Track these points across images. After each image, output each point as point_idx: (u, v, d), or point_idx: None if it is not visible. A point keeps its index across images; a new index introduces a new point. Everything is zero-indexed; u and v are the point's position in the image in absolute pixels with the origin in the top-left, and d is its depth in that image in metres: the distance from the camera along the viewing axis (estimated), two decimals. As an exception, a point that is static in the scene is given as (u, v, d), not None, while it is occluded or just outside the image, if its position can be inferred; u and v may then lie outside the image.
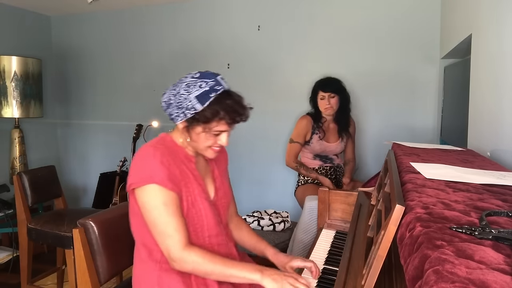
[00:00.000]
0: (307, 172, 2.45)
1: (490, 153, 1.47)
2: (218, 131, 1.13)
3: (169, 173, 1.07)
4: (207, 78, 1.10)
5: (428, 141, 2.72)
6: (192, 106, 1.08)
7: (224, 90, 1.11)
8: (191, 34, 3.39)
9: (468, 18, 1.90)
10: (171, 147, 1.16)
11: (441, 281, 0.42)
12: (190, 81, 1.10)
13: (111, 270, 1.27)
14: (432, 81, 2.79)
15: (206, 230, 1.14)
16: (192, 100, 1.08)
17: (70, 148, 3.97)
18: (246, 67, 3.25)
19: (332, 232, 1.58)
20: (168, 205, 1.06)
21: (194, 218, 1.12)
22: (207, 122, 1.09)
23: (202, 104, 1.07)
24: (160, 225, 1.06)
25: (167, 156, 1.09)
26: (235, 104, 1.11)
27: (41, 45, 3.77)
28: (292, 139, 2.49)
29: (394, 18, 2.83)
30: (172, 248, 1.05)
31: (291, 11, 3.09)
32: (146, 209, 1.08)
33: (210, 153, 1.17)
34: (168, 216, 1.06)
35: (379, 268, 0.76)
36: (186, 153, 1.18)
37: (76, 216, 1.75)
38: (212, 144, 1.15)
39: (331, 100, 2.40)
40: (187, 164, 1.16)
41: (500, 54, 1.43)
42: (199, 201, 1.13)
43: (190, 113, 1.09)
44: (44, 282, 2.53)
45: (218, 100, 1.08)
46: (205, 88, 1.08)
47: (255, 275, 1.02)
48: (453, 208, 0.67)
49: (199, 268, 1.05)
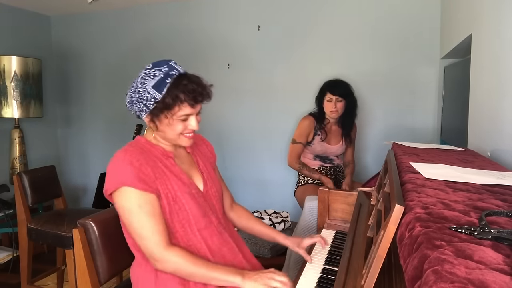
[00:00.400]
0: (310, 172, 2.44)
1: (490, 153, 1.47)
2: (184, 115, 1.10)
3: (140, 174, 1.05)
4: (160, 66, 1.09)
5: (428, 141, 2.72)
6: (151, 97, 1.08)
7: (180, 74, 1.10)
8: (191, 34, 3.39)
9: (468, 18, 1.90)
10: (145, 147, 1.15)
11: (440, 281, 0.42)
12: (144, 74, 1.11)
13: (111, 270, 1.27)
14: (432, 81, 2.79)
15: (194, 224, 1.13)
16: (149, 90, 1.08)
17: (70, 148, 3.97)
18: (246, 67, 3.25)
19: (332, 232, 1.58)
20: (143, 207, 1.05)
21: (178, 214, 1.11)
22: (169, 108, 1.08)
23: (160, 92, 1.07)
24: (138, 228, 1.05)
25: (137, 157, 1.08)
26: (193, 84, 1.09)
27: (41, 45, 3.77)
28: (294, 139, 2.48)
29: (394, 18, 2.83)
30: (152, 249, 1.05)
31: (291, 11, 3.09)
32: (122, 214, 1.08)
33: (185, 141, 1.16)
34: (144, 218, 1.05)
35: (379, 268, 0.76)
36: (163, 150, 1.17)
37: (76, 216, 1.75)
38: (182, 131, 1.13)
39: (337, 104, 2.38)
40: (165, 161, 1.15)
41: (500, 54, 1.43)
42: (180, 196, 1.12)
43: (151, 104, 1.08)
44: (44, 282, 2.53)
45: (175, 84, 1.08)
46: (160, 76, 1.08)
47: (237, 278, 1.04)
48: (453, 208, 0.67)
49: (181, 269, 1.05)
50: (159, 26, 3.51)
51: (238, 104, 3.26)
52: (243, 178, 3.28)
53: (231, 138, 3.29)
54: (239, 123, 3.31)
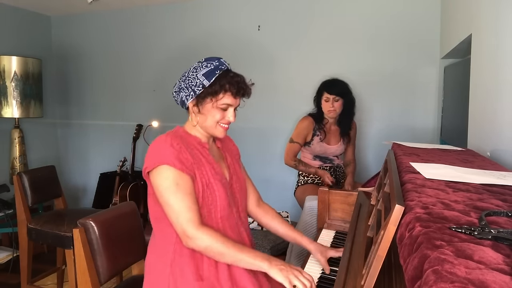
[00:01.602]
0: (306, 168, 2.45)
1: (490, 153, 1.47)
2: (225, 104, 1.21)
3: (179, 155, 1.13)
4: (212, 60, 1.23)
5: (428, 141, 2.72)
6: (200, 83, 1.19)
7: (228, 69, 1.24)
8: (191, 34, 3.39)
9: (468, 18, 1.90)
10: (184, 136, 1.24)
11: (440, 281, 0.42)
12: (197, 65, 1.23)
13: (111, 270, 1.27)
14: (432, 81, 2.78)
15: (219, 211, 1.19)
16: (199, 78, 1.19)
17: (70, 148, 3.97)
18: (246, 67, 3.24)
19: (332, 232, 1.58)
20: (180, 185, 1.11)
21: (209, 198, 1.17)
22: (215, 94, 1.19)
23: (209, 79, 1.19)
24: (174, 204, 1.11)
25: (178, 141, 1.16)
26: (238, 77, 1.24)
27: (41, 45, 3.77)
28: (292, 139, 2.49)
29: (394, 18, 2.83)
30: (186, 225, 1.09)
31: (291, 11, 3.09)
32: (159, 191, 1.13)
33: (220, 131, 1.24)
34: (181, 196, 1.11)
35: (379, 268, 0.76)
36: (200, 140, 1.26)
37: (76, 216, 1.75)
38: (220, 119, 1.22)
39: (335, 103, 2.38)
40: (201, 150, 1.23)
41: (500, 54, 1.43)
42: (213, 182, 1.19)
43: (199, 89, 1.19)
44: (44, 282, 2.53)
45: (222, 75, 1.20)
46: (211, 67, 1.20)
47: (264, 264, 1.06)
48: (453, 208, 0.67)
49: (213, 248, 1.08)
50: (159, 26, 3.51)
51: (238, 104, 3.26)
52: (243, 178, 3.27)
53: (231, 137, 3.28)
54: (239, 123, 3.29)
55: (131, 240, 1.41)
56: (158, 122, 3.13)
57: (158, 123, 3.13)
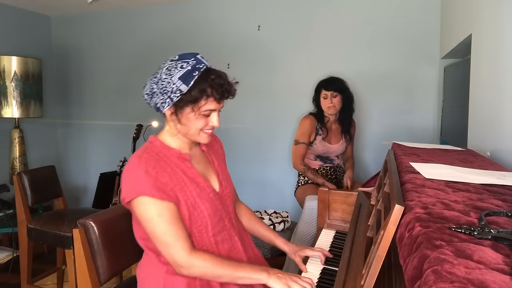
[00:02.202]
0: (315, 176, 2.43)
1: (490, 153, 1.47)
2: (208, 110, 1.09)
3: (157, 182, 1.04)
4: (187, 58, 1.07)
5: (428, 141, 2.72)
6: (177, 88, 1.05)
7: (207, 68, 1.08)
8: (191, 34, 3.39)
9: (468, 18, 1.90)
10: (160, 151, 1.12)
11: (440, 281, 0.43)
12: (170, 65, 1.07)
13: (111, 270, 1.27)
14: (432, 81, 2.79)
15: (211, 229, 1.13)
16: (176, 82, 1.05)
17: (70, 148, 3.97)
18: (246, 67, 3.25)
19: (332, 232, 1.58)
20: (163, 215, 1.04)
21: (197, 220, 1.10)
22: (196, 101, 1.06)
23: (187, 84, 1.04)
24: (160, 236, 1.04)
25: (153, 164, 1.05)
26: (220, 79, 1.08)
27: (41, 45, 3.77)
28: (297, 140, 2.47)
29: (394, 18, 2.83)
30: (177, 255, 1.04)
31: (291, 11, 3.09)
32: (143, 221, 1.07)
33: (204, 137, 1.14)
34: (165, 226, 1.04)
35: (379, 268, 0.76)
36: (179, 152, 1.14)
37: (76, 216, 1.75)
38: (203, 126, 1.11)
39: (333, 99, 2.39)
40: (181, 165, 1.13)
41: (500, 54, 1.43)
42: (199, 202, 1.11)
43: (176, 96, 1.05)
44: (44, 282, 2.53)
45: (202, 77, 1.06)
46: (187, 68, 1.05)
47: (262, 275, 1.04)
48: (453, 208, 0.67)
49: (207, 272, 1.05)
50: (159, 26, 3.51)
51: (238, 104, 3.25)
52: (243, 178, 3.27)
53: (231, 138, 3.29)
54: (239, 123, 3.31)
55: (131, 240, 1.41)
56: (158, 122, 3.12)
57: (158, 123, 3.12)
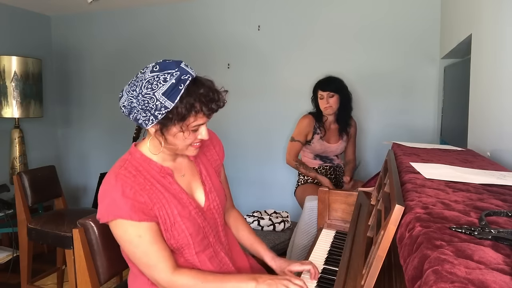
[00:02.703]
0: (307, 171, 2.45)
1: (490, 153, 1.47)
2: (197, 125, 1.00)
3: (135, 203, 0.98)
4: (170, 69, 0.95)
5: (428, 141, 2.72)
6: (161, 105, 0.94)
7: (192, 78, 0.97)
8: (191, 34, 3.39)
9: (468, 18, 1.90)
10: (140, 165, 1.06)
11: (441, 281, 0.42)
12: (151, 77, 0.96)
13: (111, 270, 1.27)
14: (432, 81, 2.79)
15: (193, 248, 1.08)
16: (159, 98, 0.93)
17: (70, 148, 3.97)
18: (246, 67, 3.25)
19: (332, 232, 1.58)
20: (143, 236, 0.99)
21: (178, 240, 1.05)
22: (183, 118, 0.96)
23: (173, 100, 0.94)
24: (141, 257, 1.01)
25: (130, 184, 0.99)
26: (209, 91, 0.98)
27: (41, 45, 3.77)
28: (293, 137, 2.49)
29: (394, 18, 2.83)
30: (159, 276, 1.01)
31: (291, 11, 3.09)
32: (121, 244, 1.04)
33: (192, 151, 1.07)
34: (146, 247, 1.00)
35: (379, 268, 0.76)
36: (161, 166, 1.07)
37: (76, 216, 1.75)
38: (192, 142, 1.04)
39: (330, 99, 2.40)
40: (162, 180, 1.06)
41: (500, 54, 1.42)
42: (180, 221, 1.05)
43: (160, 113, 0.95)
44: (44, 282, 2.53)
45: (189, 91, 0.95)
46: (171, 81, 0.93)
47: (250, 284, 1.00)
48: (453, 208, 0.67)
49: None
50: (159, 26, 3.51)
51: (238, 104, 3.26)
52: (243, 178, 3.28)
53: (231, 138, 3.29)
54: (239, 123, 3.31)
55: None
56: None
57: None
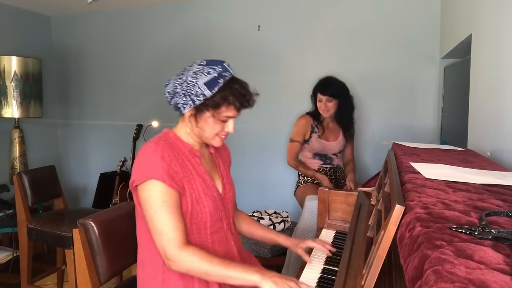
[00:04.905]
0: (305, 169, 2.46)
1: (490, 153, 1.47)
2: (227, 116, 1.13)
3: (170, 169, 1.06)
4: (214, 65, 1.11)
5: (428, 141, 2.72)
6: (201, 93, 1.08)
7: (232, 76, 1.13)
8: (191, 34, 3.39)
9: (468, 18, 1.90)
10: (174, 143, 1.15)
11: (441, 281, 0.42)
12: (197, 69, 1.11)
13: (111, 270, 1.27)
14: (432, 81, 2.79)
15: (209, 227, 1.14)
16: (200, 86, 1.08)
17: (70, 148, 3.97)
18: (246, 67, 3.25)
19: (332, 232, 1.58)
20: (167, 202, 1.05)
21: (198, 215, 1.12)
22: (217, 107, 1.10)
23: (211, 90, 1.08)
24: (158, 222, 1.04)
25: (168, 152, 1.09)
26: (243, 89, 1.13)
27: (41, 45, 3.77)
28: (292, 138, 2.50)
29: (394, 18, 2.83)
30: (168, 247, 1.03)
31: (291, 11, 3.09)
32: (145, 206, 1.07)
33: (217, 141, 1.18)
34: (166, 214, 1.04)
35: (379, 268, 0.76)
36: (191, 148, 1.18)
37: (76, 216, 1.74)
38: (219, 131, 1.15)
39: (328, 103, 2.38)
40: (192, 160, 1.16)
41: (500, 54, 1.43)
42: (203, 198, 1.13)
43: (199, 99, 1.09)
44: (44, 282, 2.53)
45: (226, 85, 1.10)
46: (214, 75, 1.09)
47: (255, 277, 0.99)
48: (453, 208, 0.67)
49: (195, 268, 1.02)
50: (158, 26, 3.51)
51: (238, 104, 3.26)
52: (243, 178, 3.27)
53: (230, 138, 3.28)
54: (239, 123, 3.29)
55: (131, 240, 1.41)
56: (158, 122, 3.12)
57: (158, 123, 3.12)
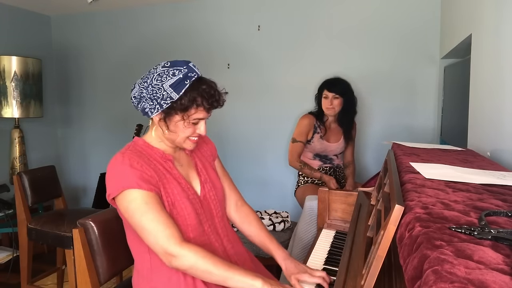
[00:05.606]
0: (311, 171, 2.44)
1: (490, 153, 1.47)
2: (197, 119, 1.10)
3: (143, 174, 1.04)
4: (179, 66, 1.08)
5: (428, 141, 2.72)
6: (168, 96, 1.05)
7: (198, 76, 1.09)
8: (191, 34, 3.39)
9: (468, 18, 1.90)
10: (143, 150, 1.13)
11: (440, 281, 0.42)
12: (162, 71, 1.07)
13: (111, 270, 1.27)
14: (432, 81, 2.79)
15: (190, 231, 1.10)
16: (166, 89, 1.05)
17: (70, 148, 3.97)
18: (246, 67, 3.25)
19: (332, 232, 1.58)
20: (149, 203, 1.01)
21: (177, 219, 1.07)
22: (185, 109, 1.07)
23: (178, 92, 1.05)
24: (148, 224, 1.00)
25: (137, 159, 1.06)
26: (211, 89, 1.09)
27: (41, 45, 3.77)
28: (294, 138, 2.49)
29: (394, 18, 2.83)
30: (167, 243, 0.98)
31: (291, 11, 3.09)
32: (129, 215, 1.03)
33: (189, 144, 1.15)
34: (154, 213, 1.01)
35: (379, 268, 0.76)
36: (162, 152, 1.15)
37: (76, 216, 1.75)
38: (191, 134, 1.12)
39: (334, 101, 2.39)
40: (164, 164, 1.13)
41: (500, 54, 1.43)
42: (179, 200, 1.09)
43: (166, 103, 1.06)
44: (44, 282, 2.53)
45: (193, 86, 1.07)
46: (179, 76, 1.05)
47: (257, 282, 0.96)
48: (453, 208, 0.67)
49: (198, 265, 0.98)
50: (159, 26, 3.51)
51: (238, 104, 3.26)
52: (243, 178, 3.27)
53: (231, 138, 3.29)
54: (239, 123, 3.31)
55: (131, 240, 1.41)
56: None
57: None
